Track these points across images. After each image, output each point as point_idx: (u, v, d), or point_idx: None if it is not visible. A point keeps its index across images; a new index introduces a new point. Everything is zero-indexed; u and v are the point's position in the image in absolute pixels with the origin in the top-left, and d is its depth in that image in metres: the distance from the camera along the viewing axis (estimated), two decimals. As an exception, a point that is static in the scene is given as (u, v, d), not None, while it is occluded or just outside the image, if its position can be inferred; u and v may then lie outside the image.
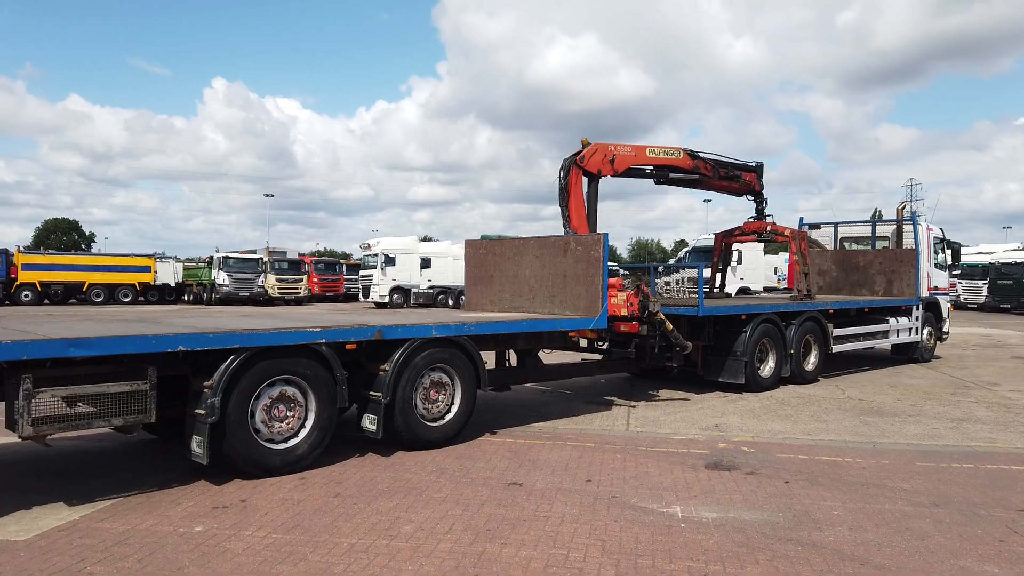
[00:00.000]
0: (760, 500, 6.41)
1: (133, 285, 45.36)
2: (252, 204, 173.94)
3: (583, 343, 11.61)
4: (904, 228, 16.70)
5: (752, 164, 14.39)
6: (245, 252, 48.16)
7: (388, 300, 39.26)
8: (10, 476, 7.03)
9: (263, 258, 46.65)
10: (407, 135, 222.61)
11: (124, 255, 47.74)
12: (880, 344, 15.55)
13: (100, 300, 44.21)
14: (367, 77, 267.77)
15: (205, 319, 8.84)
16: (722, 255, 15.53)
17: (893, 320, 15.54)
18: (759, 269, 34.94)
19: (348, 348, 7.39)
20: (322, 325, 7.20)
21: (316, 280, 50.96)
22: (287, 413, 6.91)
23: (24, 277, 42.59)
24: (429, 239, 52.08)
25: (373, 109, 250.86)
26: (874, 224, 17.21)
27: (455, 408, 8.27)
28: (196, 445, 6.39)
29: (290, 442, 6.95)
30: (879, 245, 17.17)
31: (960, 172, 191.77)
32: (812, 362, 13.59)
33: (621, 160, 12.03)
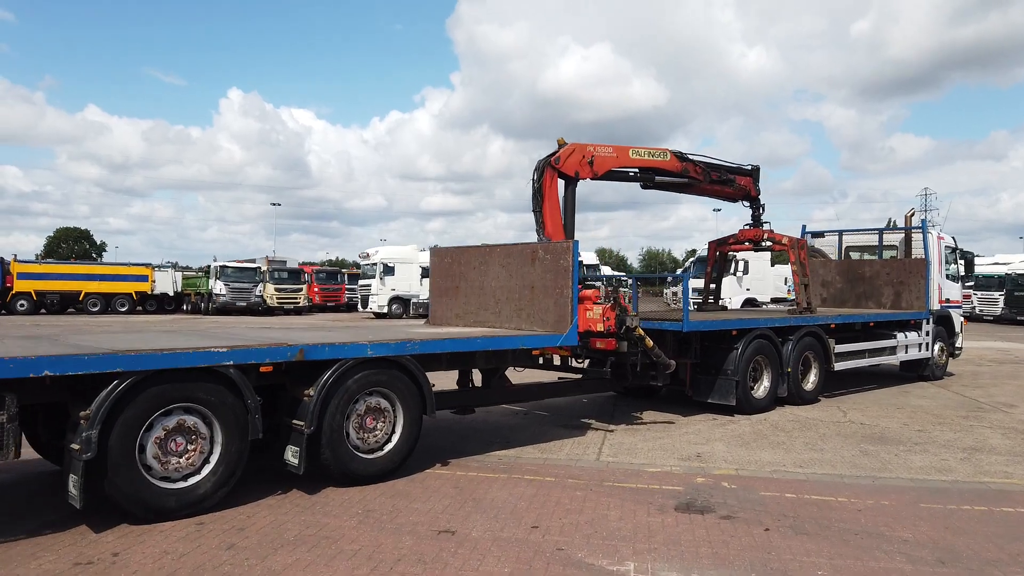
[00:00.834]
0: (732, 554, 5.42)
1: (130, 294, 44.72)
2: (266, 214, 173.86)
3: (557, 360, 10.66)
4: (913, 237, 15.64)
5: (747, 167, 13.40)
6: (243, 261, 47.44)
7: (387, 310, 38.47)
8: None
9: (261, 267, 45.91)
10: (420, 145, 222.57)
11: (121, 264, 47.14)
12: (887, 361, 14.48)
13: (96, 310, 43.58)
14: (381, 88, 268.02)
15: (114, 336, 7.93)
16: (716, 265, 14.52)
17: (901, 335, 14.47)
18: (767, 279, 33.79)
19: (264, 371, 6.46)
20: (230, 344, 6.27)
21: (317, 290, 50.20)
22: (187, 447, 5.98)
23: (20, 286, 42.05)
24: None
25: (387, 119, 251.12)
26: (881, 232, 16.16)
27: (396, 437, 7.32)
28: (72, 485, 5.48)
29: (190, 480, 6.02)
30: (888, 255, 16.13)
31: (976, 182, 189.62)
32: (812, 381, 12.56)
33: (601, 162, 11.08)
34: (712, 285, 14.77)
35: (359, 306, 41.77)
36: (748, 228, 13.69)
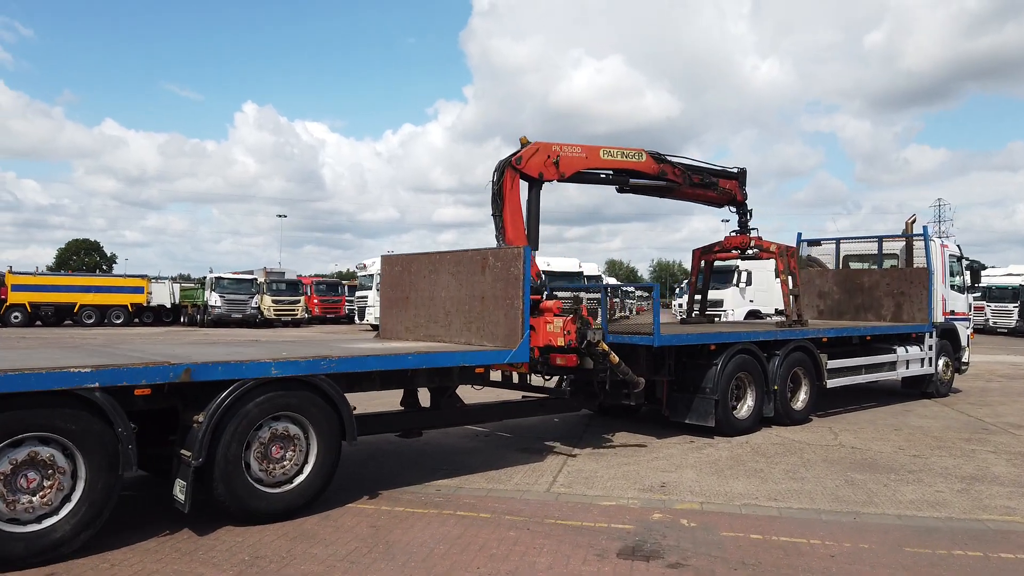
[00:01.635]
0: (668, 617, 4.53)
1: (125, 306, 44.09)
2: (280, 225, 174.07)
3: (516, 378, 9.81)
4: (914, 245, 14.69)
5: (733, 170, 12.53)
6: (241, 273, 46.82)
7: (383, 322, 37.56)
8: None
9: (258, 279, 45.28)
10: (433, 158, 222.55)
11: (117, 276, 46.67)
12: (886, 377, 13.50)
13: (91, 321, 43.00)
14: (394, 101, 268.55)
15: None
16: (701, 274, 13.60)
17: (901, 349, 13.50)
18: (772, 290, 32.65)
19: (139, 393, 5.62)
20: (96, 364, 5.43)
21: (317, 302, 49.57)
22: (42, 483, 5.15)
23: (13, 298, 41.51)
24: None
25: (400, 132, 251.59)
26: (880, 240, 15.20)
27: (309, 468, 6.46)
28: None
29: (45, 522, 5.18)
30: (890, 264, 15.17)
31: (992, 193, 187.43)
32: (802, 399, 11.62)
33: (568, 162, 10.24)
34: (698, 296, 13.86)
35: (356, 318, 41.01)
36: (735, 235, 12.81)
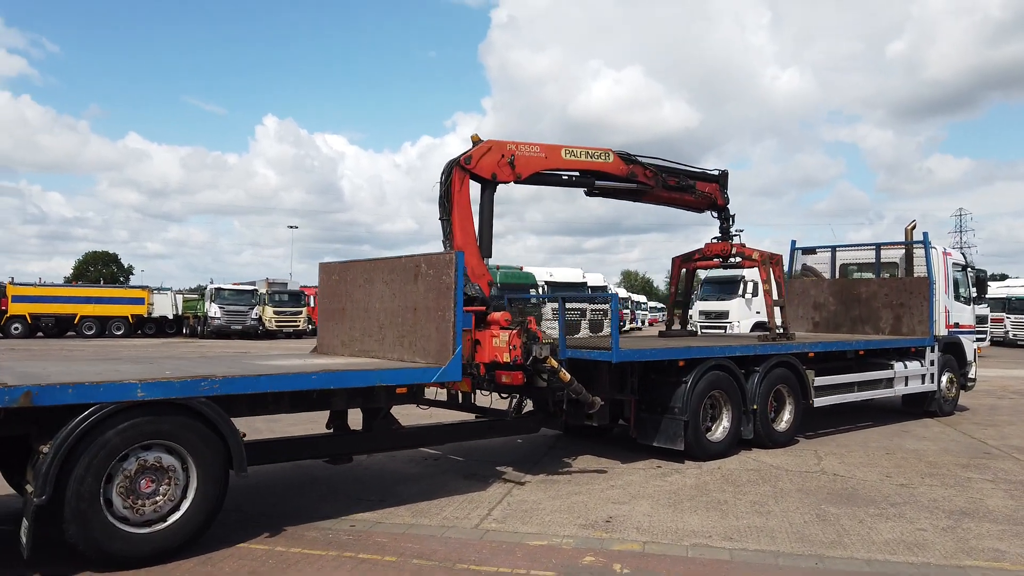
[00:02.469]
0: None
1: (126, 318, 43.75)
2: (299, 237, 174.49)
3: (475, 398, 9.00)
4: (914, 253, 13.74)
5: (713, 172, 11.67)
6: (241, 283, 46.38)
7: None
8: None
9: (259, 290, 44.78)
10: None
11: (117, 287, 46.40)
12: (882, 395, 12.54)
13: (92, 333, 42.69)
14: (413, 113, 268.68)
15: None
16: (682, 283, 12.72)
17: (900, 365, 12.55)
18: (780, 301, 31.69)
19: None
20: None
21: (321, 312, 48.95)
22: None
23: (14, 309, 41.28)
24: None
25: (418, 144, 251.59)
26: (878, 248, 14.25)
27: (187, 503, 5.68)
28: None
29: None
30: (894, 273, 14.22)
31: (1017, 203, 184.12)
32: (786, 420, 10.70)
33: (525, 162, 9.45)
34: (677, 308, 12.98)
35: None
36: (715, 242, 11.95)
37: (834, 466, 9.32)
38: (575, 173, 10.21)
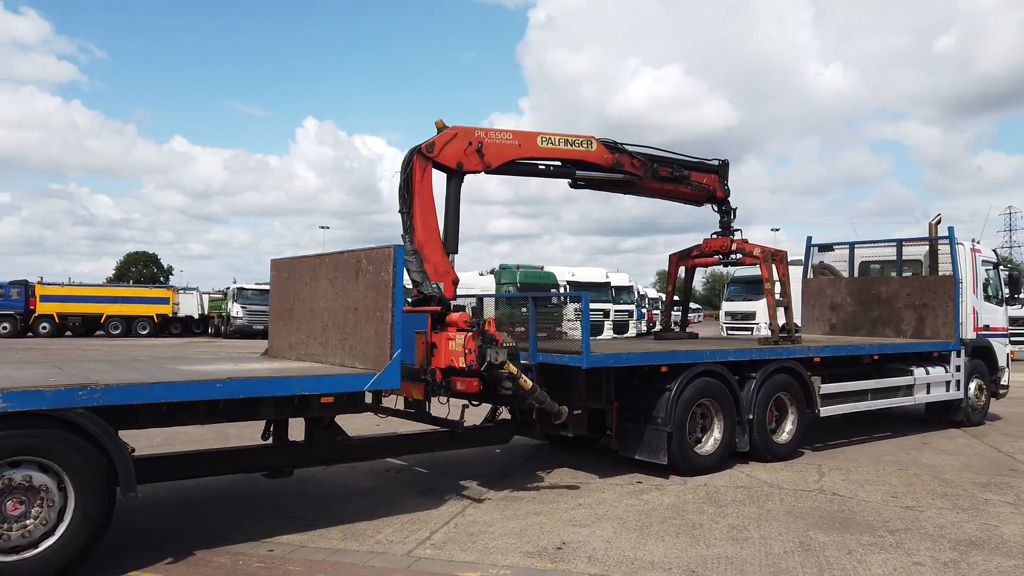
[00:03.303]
0: None
1: (151, 317, 44.00)
2: (339, 239, 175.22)
3: (420, 406, 8.27)
4: (939, 249, 12.68)
5: (711, 162, 10.79)
6: (264, 283, 46.29)
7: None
8: None
9: (283, 289, 44.63)
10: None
11: (143, 287, 46.66)
12: (901, 403, 11.52)
13: (118, 333, 43.00)
14: (450, 114, 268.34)
15: None
16: (678, 282, 11.83)
17: (920, 371, 11.53)
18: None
19: None
20: None
21: (345, 312, 48.72)
22: None
23: (42, 309, 41.79)
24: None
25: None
26: (899, 244, 13.20)
27: (64, 526, 5.05)
28: None
29: None
30: (918, 272, 13.18)
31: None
32: (788, 430, 9.79)
33: (496, 150, 8.69)
34: (676, 307, 12.12)
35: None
36: (714, 237, 11.06)
37: (835, 483, 8.41)
38: (556, 163, 9.45)
